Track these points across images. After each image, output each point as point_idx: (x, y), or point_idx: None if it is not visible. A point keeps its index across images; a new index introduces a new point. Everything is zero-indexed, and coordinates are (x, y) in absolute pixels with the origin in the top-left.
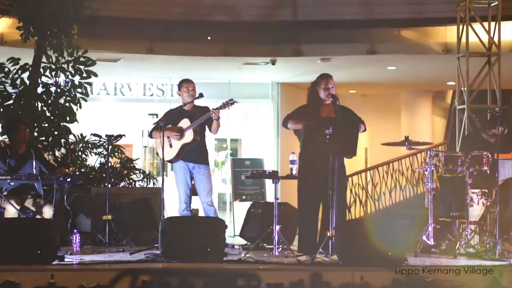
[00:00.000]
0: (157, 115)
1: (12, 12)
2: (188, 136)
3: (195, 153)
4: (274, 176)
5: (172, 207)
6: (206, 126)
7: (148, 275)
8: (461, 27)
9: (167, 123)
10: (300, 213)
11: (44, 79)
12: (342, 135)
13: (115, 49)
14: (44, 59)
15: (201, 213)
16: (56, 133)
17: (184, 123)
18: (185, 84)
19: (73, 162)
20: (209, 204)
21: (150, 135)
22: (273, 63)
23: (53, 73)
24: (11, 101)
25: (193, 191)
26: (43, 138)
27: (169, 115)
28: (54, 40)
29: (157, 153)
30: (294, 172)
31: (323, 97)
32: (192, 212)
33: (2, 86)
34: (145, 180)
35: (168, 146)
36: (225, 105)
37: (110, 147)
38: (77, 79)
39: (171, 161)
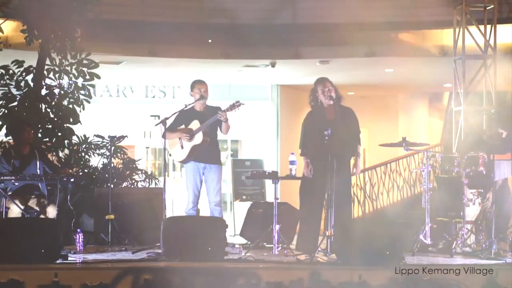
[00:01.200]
0: (159, 116)
1: (16, 16)
2: (198, 138)
3: (206, 154)
4: (274, 176)
5: (175, 206)
6: (218, 127)
7: (150, 273)
8: (457, 30)
9: (179, 124)
10: (302, 213)
11: (48, 81)
12: (342, 136)
13: (117, 51)
14: (48, 62)
15: (203, 213)
16: (59, 134)
17: (194, 124)
18: (198, 85)
19: (76, 163)
20: (216, 204)
21: (163, 136)
22: (273, 65)
23: (56, 75)
24: (15, 103)
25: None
26: (47, 139)
27: (181, 116)
28: (57, 43)
29: (170, 154)
30: (294, 172)
31: (323, 100)
32: (197, 212)
33: (6, 88)
34: (147, 180)
35: (179, 147)
36: (232, 107)
37: (112, 148)
38: (80, 81)
39: (182, 162)
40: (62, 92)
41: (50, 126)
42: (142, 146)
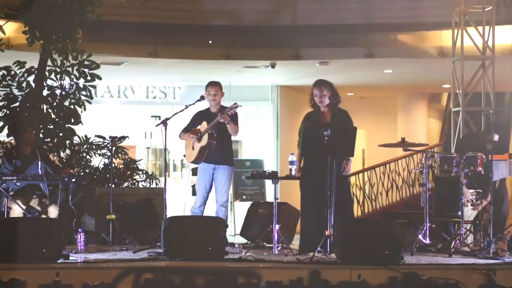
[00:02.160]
0: (159, 117)
1: (18, 17)
2: (204, 140)
3: (217, 154)
4: (273, 176)
5: (175, 205)
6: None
7: (150, 273)
8: (456, 31)
9: (194, 125)
10: (302, 214)
11: (49, 82)
12: (340, 137)
13: (118, 52)
14: (49, 63)
15: (206, 212)
16: (61, 134)
17: (203, 126)
18: (208, 87)
19: (77, 163)
20: (221, 205)
21: (179, 136)
22: (273, 66)
23: (58, 76)
24: (17, 104)
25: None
26: (48, 139)
27: (196, 117)
28: (59, 44)
29: (184, 155)
30: (294, 172)
31: (317, 103)
32: (202, 213)
33: (8, 89)
34: (148, 180)
35: (191, 148)
36: (230, 109)
37: (113, 148)
38: (81, 82)
39: (193, 163)
40: (64, 93)
41: (51, 127)
42: (143, 146)
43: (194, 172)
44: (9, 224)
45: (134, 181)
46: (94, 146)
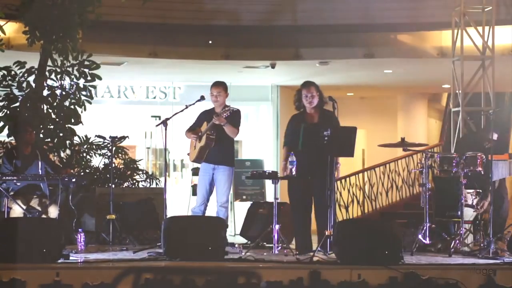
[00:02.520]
0: (159, 117)
1: (18, 17)
2: (203, 140)
3: (216, 155)
4: (273, 176)
5: (175, 205)
6: None
7: (150, 273)
8: (456, 31)
9: (198, 124)
10: (293, 216)
11: (49, 82)
12: (341, 137)
13: (118, 53)
14: (49, 63)
15: (208, 212)
16: (61, 134)
17: (203, 126)
18: (211, 88)
19: (77, 163)
20: (221, 205)
21: (185, 135)
22: (273, 66)
23: (58, 76)
24: (17, 104)
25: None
26: (49, 139)
27: (200, 117)
28: (59, 44)
29: (187, 154)
30: (293, 172)
31: (306, 104)
32: (203, 212)
33: (8, 89)
34: (148, 180)
35: (193, 147)
36: (223, 112)
37: (114, 148)
38: (81, 82)
39: (193, 162)
40: (64, 93)
41: (51, 127)
42: (143, 146)
43: (194, 172)
44: (9, 224)
45: (134, 181)
46: (94, 146)
